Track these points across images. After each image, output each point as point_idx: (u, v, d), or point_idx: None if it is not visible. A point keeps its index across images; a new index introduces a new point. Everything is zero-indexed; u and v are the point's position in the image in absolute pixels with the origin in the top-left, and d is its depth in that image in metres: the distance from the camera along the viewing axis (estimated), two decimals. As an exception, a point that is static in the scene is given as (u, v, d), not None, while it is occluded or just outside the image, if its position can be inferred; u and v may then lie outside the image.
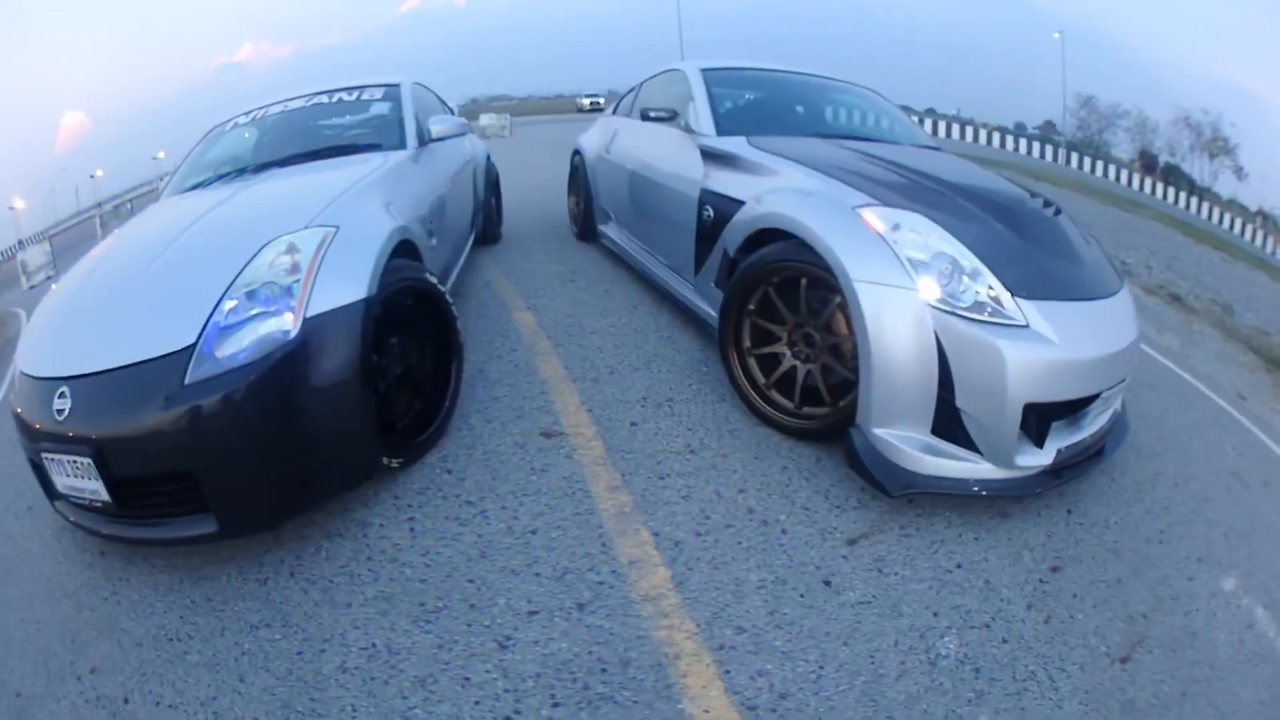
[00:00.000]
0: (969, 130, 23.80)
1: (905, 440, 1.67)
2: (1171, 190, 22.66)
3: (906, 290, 1.64)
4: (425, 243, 2.21)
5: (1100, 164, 23.55)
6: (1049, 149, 24.21)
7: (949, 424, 1.67)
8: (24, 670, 1.39)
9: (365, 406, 1.54)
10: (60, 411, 1.41)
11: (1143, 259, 8.76)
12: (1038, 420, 1.70)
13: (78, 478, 1.43)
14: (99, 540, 1.64)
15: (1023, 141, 24.24)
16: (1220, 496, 2.19)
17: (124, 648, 1.41)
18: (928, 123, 21.59)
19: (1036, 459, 1.72)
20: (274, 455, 1.44)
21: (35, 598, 1.59)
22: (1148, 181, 23.07)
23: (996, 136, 23.81)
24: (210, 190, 2.28)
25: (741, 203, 2.17)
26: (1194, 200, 22.30)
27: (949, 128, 23.23)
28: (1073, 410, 1.79)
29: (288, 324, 1.43)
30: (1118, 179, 22.75)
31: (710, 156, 2.48)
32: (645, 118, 2.79)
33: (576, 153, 4.40)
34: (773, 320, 2.00)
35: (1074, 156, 23.49)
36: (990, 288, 1.66)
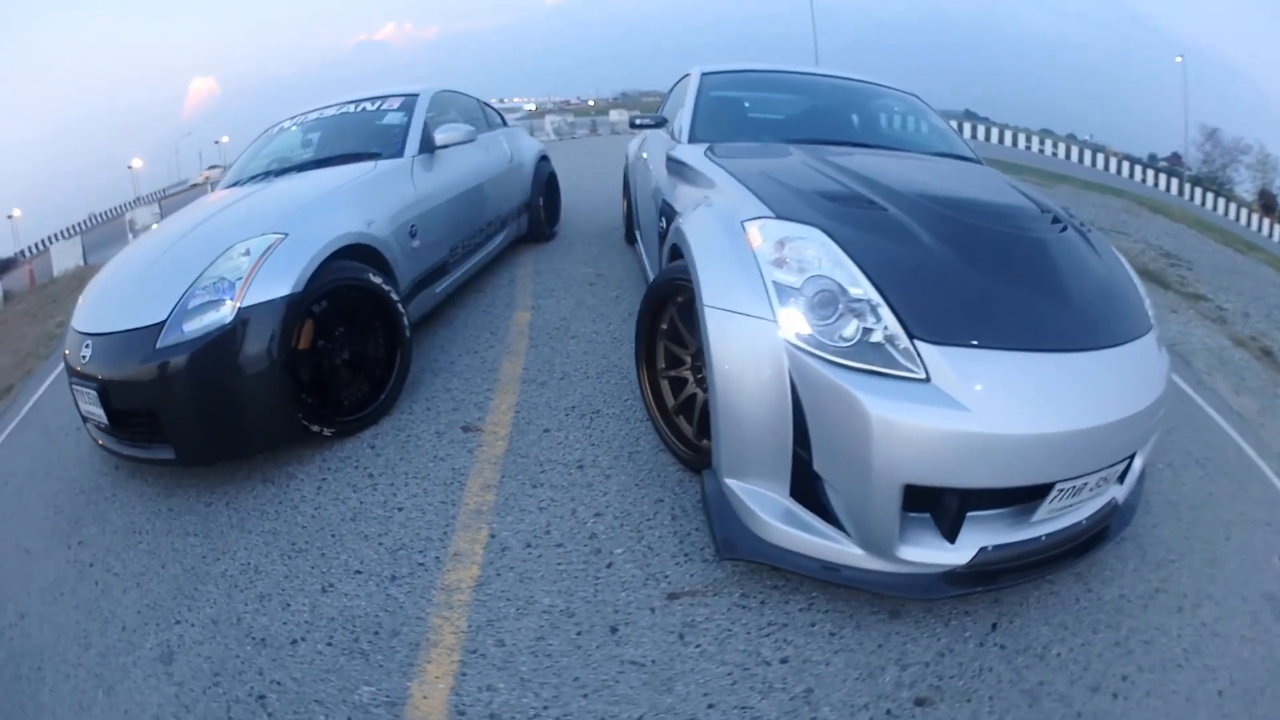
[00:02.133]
0: (1099, 157, 23.87)
1: (758, 499, 1.52)
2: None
3: (762, 321, 1.48)
4: (400, 244, 2.73)
5: (1220, 201, 23.57)
6: (1173, 182, 24.28)
7: (809, 490, 1.48)
8: (36, 535, 2.15)
9: (283, 382, 2.07)
10: (84, 357, 2.12)
11: (1242, 305, 7.07)
12: (952, 506, 1.42)
13: (90, 405, 2.14)
14: (117, 458, 2.38)
15: (1149, 173, 24.40)
16: (1237, 631, 1.69)
17: (104, 532, 2.11)
18: (1049, 145, 22.78)
19: (939, 555, 1.44)
20: (209, 410, 2.02)
21: (61, 490, 2.39)
22: (1265, 222, 22.84)
23: (1126, 166, 23.99)
24: (238, 189, 3.01)
25: (678, 215, 2.20)
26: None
27: (1080, 153, 23.44)
28: (1011, 501, 1.51)
29: (227, 311, 2.00)
30: (1236, 218, 22.62)
31: (671, 165, 2.63)
32: (632, 125, 3.09)
33: (626, 156, 4.76)
34: (680, 343, 2.05)
35: (1196, 191, 23.74)
36: (885, 326, 1.41)
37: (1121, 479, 1.72)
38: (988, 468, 1.38)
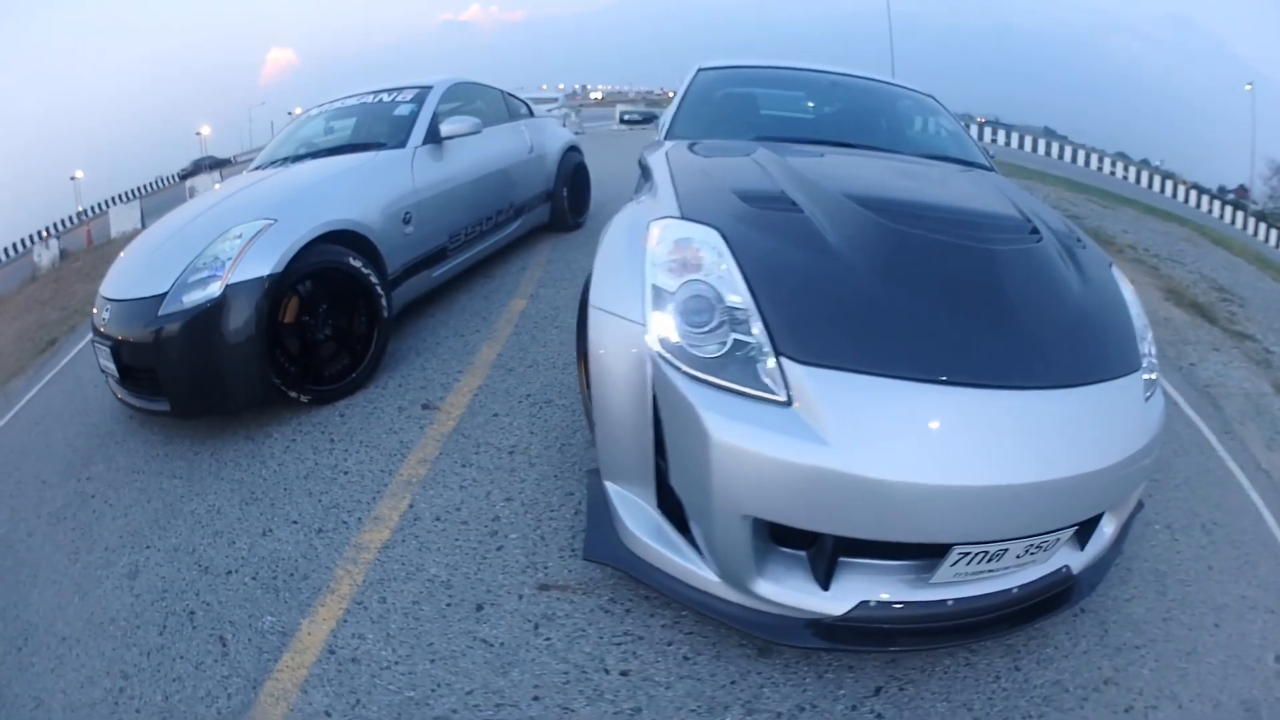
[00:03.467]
0: (1169, 184, 23.73)
1: (629, 506, 1.53)
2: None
3: (634, 325, 1.46)
4: (391, 230, 3.08)
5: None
6: (1239, 215, 24.27)
7: (673, 504, 1.46)
8: (53, 469, 2.68)
9: (261, 351, 2.46)
10: (103, 319, 2.59)
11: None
12: (826, 548, 1.35)
13: (106, 361, 2.60)
14: (133, 410, 2.85)
15: (1216, 204, 24.29)
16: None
17: (109, 470, 2.58)
18: (1120, 168, 22.83)
19: (806, 600, 1.36)
20: (197, 371, 2.43)
21: (80, 433, 2.92)
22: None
23: (1194, 195, 24.00)
24: (260, 171, 3.46)
25: None
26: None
27: (1150, 179, 23.60)
28: (910, 553, 1.39)
29: (216, 287, 2.40)
30: (1298, 256, 22.28)
31: (640, 163, 2.68)
32: (621, 120, 3.32)
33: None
34: None
35: (1260, 227, 23.52)
36: (756, 340, 1.35)
37: (1084, 543, 1.53)
38: (845, 514, 1.26)
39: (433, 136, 3.55)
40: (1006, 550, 1.34)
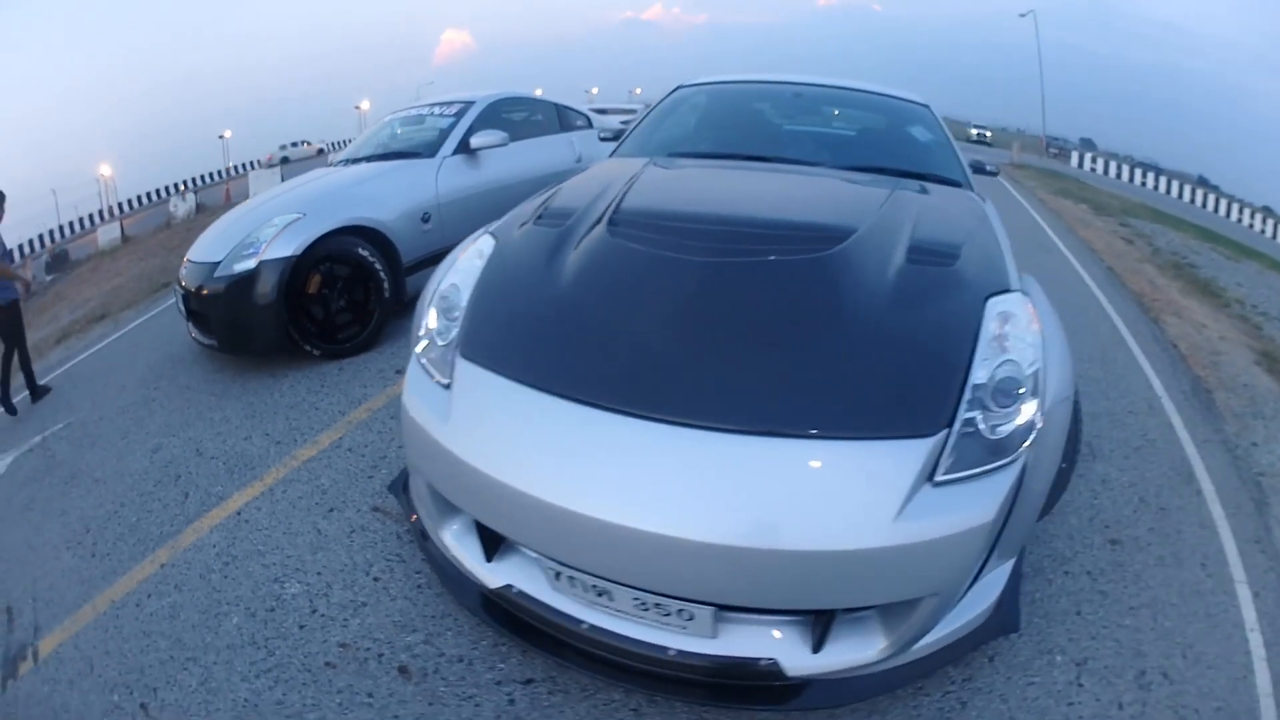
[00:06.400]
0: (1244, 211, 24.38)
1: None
2: None
3: (423, 322, 1.84)
4: (408, 227, 4.09)
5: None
6: None
7: None
8: (131, 379, 4.00)
9: (280, 311, 3.53)
10: (182, 274, 3.82)
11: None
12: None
13: (180, 305, 3.83)
14: (198, 345, 4.07)
15: None
16: None
17: (170, 384, 3.84)
18: (1265, 223, 22.96)
19: (474, 566, 1.62)
20: (234, 320, 3.56)
21: (160, 358, 4.25)
22: None
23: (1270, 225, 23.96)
24: (328, 168, 4.66)
25: None
26: None
27: (1250, 213, 24.05)
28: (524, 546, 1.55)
29: (253, 261, 3.51)
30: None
31: None
32: (600, 139, 4.02)
33: None
34: None
35: None
36: (454, 335, 1.70)
37: (819, 645, 1.43)
38: (463, 495, 1.52)
39: (464, 147, 4.57)
40: (608, 590, 1.39)
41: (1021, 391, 1.46)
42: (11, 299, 4.48)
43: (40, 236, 26.38)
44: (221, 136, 36.90)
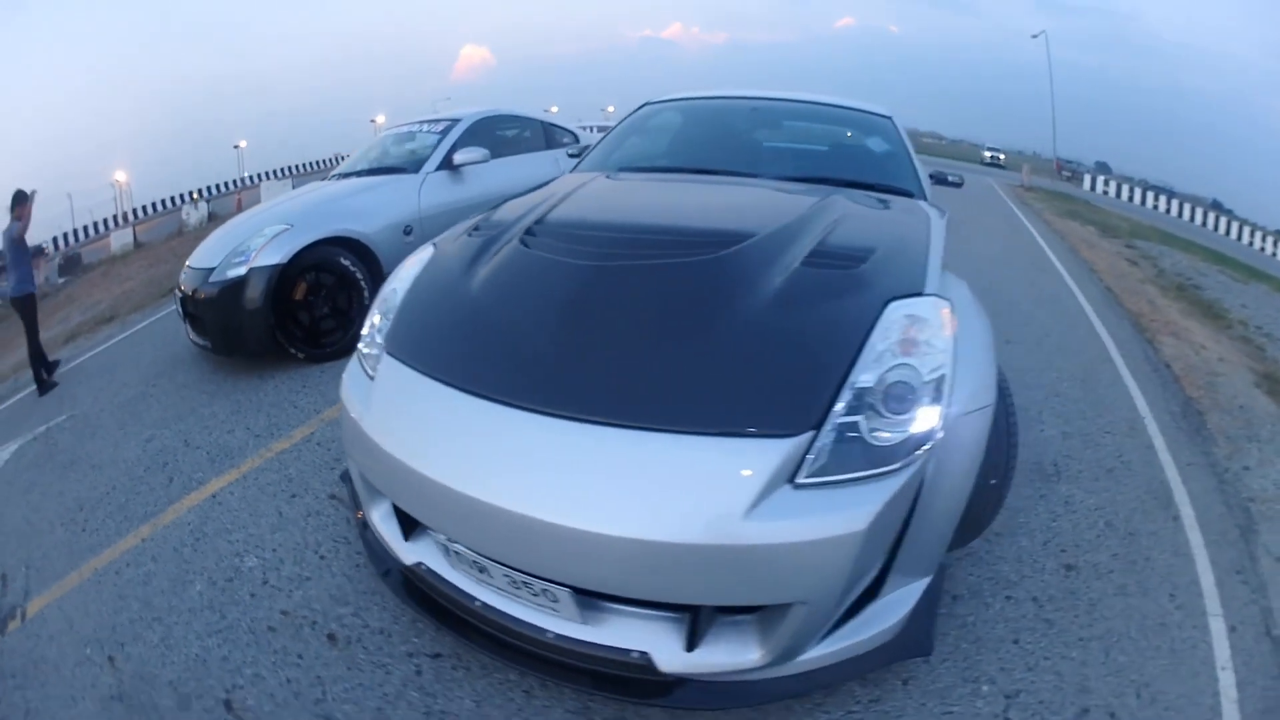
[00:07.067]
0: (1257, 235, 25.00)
1: None
2: None
3: (370, 320, 2.02)
4: (389, 239, 4.39)
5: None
6: None
7: None
8: (133, 376, 4.35)
9: (267, 316, 3.83)
10: (181, 278, 4.14)
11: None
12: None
13: (180, 307, 4.15)
14: (195, 347, 4.38)
15: None
16: None
17: (169, 381, 4.16)
18: (1270, 242, 23.92)
19: (394, 543, 1.75)
20: (225, 323, 3.86)
21: (160, 357, 4.61)
22: None
23: None
24: (321, 182, 4.97)
25: None
26: None
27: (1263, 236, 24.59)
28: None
29: (243, 268, 3.82)
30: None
31: None
32: (569, 155, 4.31)
33: None
34: None
35: None
36: (385, 334, 1.87)
37: (693, 644, 1.46)
38: (381, 477, 1.69)
39: (448, 164, 4.87)
40: (486, 567, 1.50)
41: (917, 398, 1.46)
42: (29, 292, 4.85)
43: (55, 239, 26.97)
44: (236, 146, 37.86)
